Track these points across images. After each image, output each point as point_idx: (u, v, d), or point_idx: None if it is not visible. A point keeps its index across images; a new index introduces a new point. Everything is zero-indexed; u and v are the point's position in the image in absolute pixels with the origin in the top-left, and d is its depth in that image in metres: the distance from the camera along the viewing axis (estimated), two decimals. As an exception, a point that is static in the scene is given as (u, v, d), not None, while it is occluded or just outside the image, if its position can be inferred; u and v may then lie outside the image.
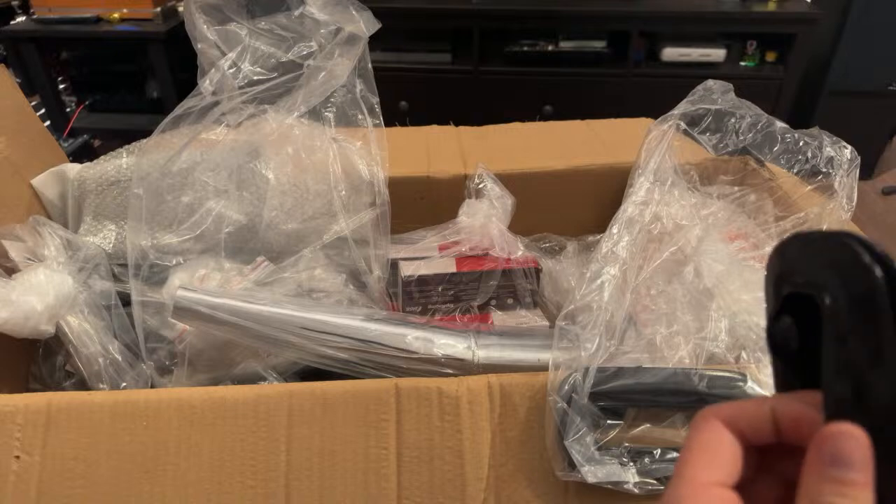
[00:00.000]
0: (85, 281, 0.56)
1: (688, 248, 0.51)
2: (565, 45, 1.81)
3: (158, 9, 1.72)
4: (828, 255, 0.20)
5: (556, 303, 0.63)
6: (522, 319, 0.61)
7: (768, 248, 0.53)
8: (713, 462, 0.21)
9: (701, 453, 0.21)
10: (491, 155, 0.70)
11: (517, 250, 0.62)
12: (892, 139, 2.00)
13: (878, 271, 0.19)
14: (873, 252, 0.19)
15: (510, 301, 0.62)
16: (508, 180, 0.64)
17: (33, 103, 1.64)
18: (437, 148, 0.72)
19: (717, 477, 0.21)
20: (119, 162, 0.63)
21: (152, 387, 0.54)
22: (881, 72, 1.84)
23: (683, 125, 0.57)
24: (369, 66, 0.61)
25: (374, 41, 0.60)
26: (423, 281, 0.60)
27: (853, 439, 0.18)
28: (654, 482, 0.40)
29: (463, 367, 0.47)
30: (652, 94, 1.69)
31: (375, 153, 0.62)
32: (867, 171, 1.99)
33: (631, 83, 1.82)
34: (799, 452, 0.20)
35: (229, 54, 0.58)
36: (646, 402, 0.41)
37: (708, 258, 0.51)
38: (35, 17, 1.75)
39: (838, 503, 0.18)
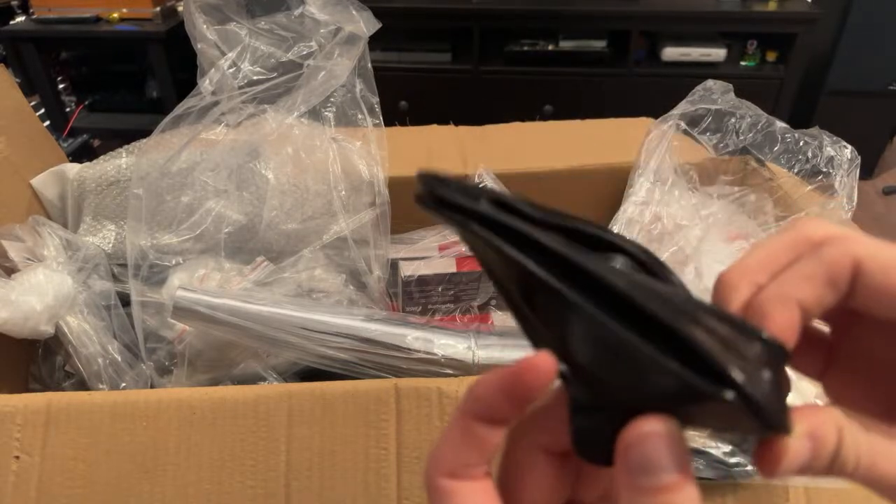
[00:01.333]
0: (84, 281, 0.56)
1: (688, 249, 0.51)
2: (565, 44, 1.80)
3: (158, 8, 1.72)
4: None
5: (557, 303, 0.63)
6: (522, 319, 0.61)
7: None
8: None
9: None
10: (491, 155, 0.70)
11: (517, 250, 0.62)
12: (893, 139, 2.00)
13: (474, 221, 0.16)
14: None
15: (510, 301, 0.62)
16: (508, 180, 0.64)
17: (33, 103, 1.64)
18: (437, 148, 0.72)
19: None
20: (119, 162, 0.63)
21: (152, 387, 0.54)
22: (881, 71, 1.84)
23: (683, 125, 0.57)
24: (369, 65, 0.61)
25: (374, 41, 0.60)
26: (423, 281, 0.60)
27: (658, 437, 0.16)
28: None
29: (463, 368, 0.47)
30: (652, 94, 1.69)
31: (375, 153, 0.62)
32: (867, 171, 1.99)
33: (631, 83, 1.82)
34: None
35: (229, 54, 0.58)
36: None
37: (708, 258, 0.51)
38: (34, 16, 1.75)
39: None
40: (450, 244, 0.63)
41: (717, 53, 1.78)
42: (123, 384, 0.53)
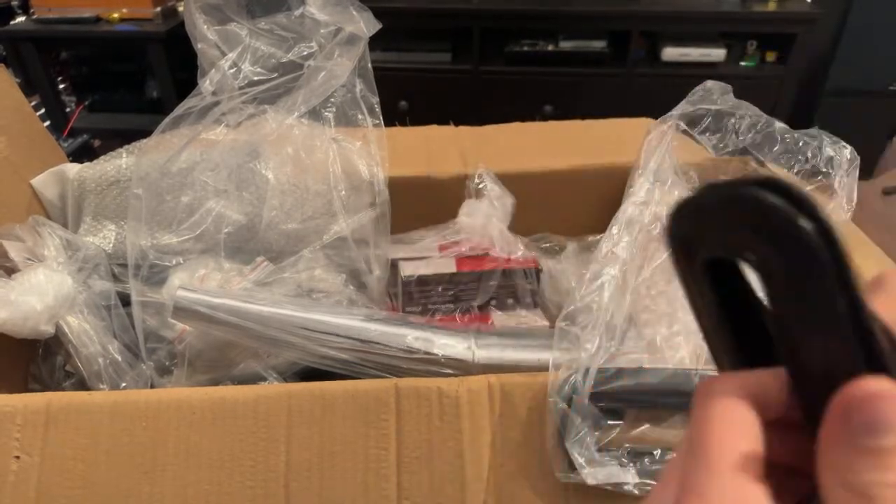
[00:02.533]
0: (84, 281, 0.56)
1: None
2: (565, 44, 1.80)
3: (158, 9, 1.72)
4: (740, 213, 0.17)
5: (557, 303, 0.63)
6: (522, 320, 0.61)
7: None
8: (752, 453, 0.17)
9: (738, 440, 0.17)
10: (491, 155, 0.70)
11: (517, 250, 0.62)
12: (893, 139, 2.00)
13: (805, 225, 0.16)
14: (794, 200, 0.16)
15: (510, 301, 0.62)
16: (508, 180, 0.64)
17: (33, 103, 1.64)
18: (437, 148, 0.72)
19: (759, 471, 0.17)
20: (119, 162, 0.63)
21: (152, 387, 0.54)
22: (881, 71, 1.84)
23: (683, 125, 0.57)
24: (369, 65, 0.61)
25: (374, 41, 0.60)
26: (423, 281, 0.60)
27: (887, 398, 0.15)
28: (654, 483, 0.40)
29: (463, 368, 0.47)
30: (652, 94, 1.69)
31: (375, 153, 0.62)
32: (867, 172, 1.99)
33: (631, 83, 1.82)
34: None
35: (229, 54, 0.58)
36: (646, 402, 0.41)
37: (708, 258, 0.51)
38: (35, 16, 1.75)
39: (882, 479, 0.15)
40: (449, 244, 0.63)
41: (717, 54, 1.78)
42: (123, 384, 0.53)
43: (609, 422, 0.41)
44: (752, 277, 0.18)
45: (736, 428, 0.18)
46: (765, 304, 0.18)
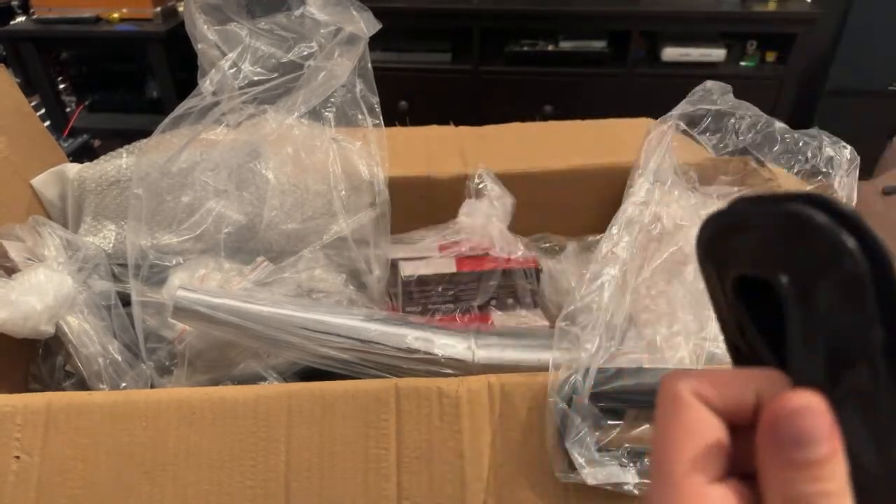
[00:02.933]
0: (85, 281, 0.56)
1: (688, 248, 0.51)
2: (565, 44, 1.80)
3: (158, 9, 1.72)
4: (778, 230, 0.16)
5: (557, 303, 0.63)
6: (522, 320, 0.61)
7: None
8: (702, 454, 0.17)
9: (685, 443, 0.17)
10: (491, 155, 0.70)
11: (517, 250, 0.62)
12: (893, 139, 2.00)
13: (850, 242, 0.14)
14: (836, 214, 0.15)
15: (510, 301, 0.62)
16: (508, 180, 0.64)
17: (33, 103, 1.64)
18: (437, 148, 0.72)
19: (711, 473, 0.17)
20: (119, 162, 0.63)
21: (152, 387, 0.54)
22: (881, 71, 1.84)
23: (683, 125, 0.57)
24: (369, 65, 0.61)
25: (374, 41, 0.60)
26: (423, 281, 0.60)
27: (810, 411, 0.15)
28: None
29: (463, 368, 0.47)
30: (652, 94, 1.69)
31: (375, 153, 0.62)
32: (867, 172, 1.99)
33: (631, 83, 1.82)
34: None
35: (230, 54, 0.58)
36: (646, 402, 0.41)
37: (708, 258, 0.51)
38: (35, 16, 1.75)
39: (815, 489, 0.15)
40: (450, 244, 0.63)
41: (717, 54, 1.78)
42: (123, 384, 0.53)
43: (609, 422, 0.41)
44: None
45: (689, 430, 0.18)
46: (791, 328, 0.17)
